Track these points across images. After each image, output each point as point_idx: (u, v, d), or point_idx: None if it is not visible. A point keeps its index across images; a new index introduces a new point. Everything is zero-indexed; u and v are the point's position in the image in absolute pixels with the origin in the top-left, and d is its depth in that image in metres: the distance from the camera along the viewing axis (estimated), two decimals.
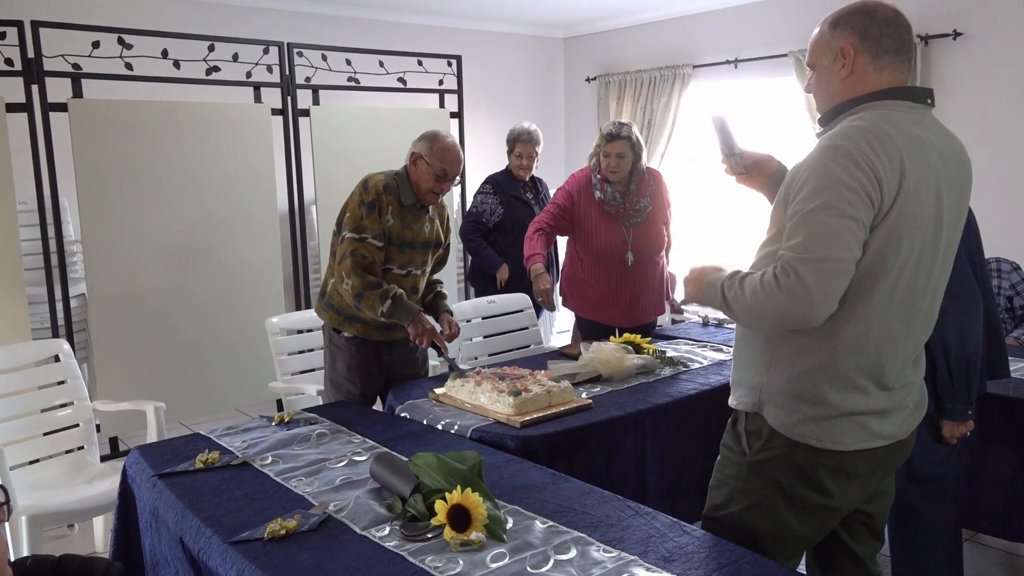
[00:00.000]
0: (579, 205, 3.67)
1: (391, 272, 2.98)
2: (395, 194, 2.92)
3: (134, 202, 4.13)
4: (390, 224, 2.91)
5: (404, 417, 2.65)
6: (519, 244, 4.34)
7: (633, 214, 3.62)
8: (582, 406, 2.58)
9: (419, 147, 2.94)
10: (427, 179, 2.90)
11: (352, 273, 2.85)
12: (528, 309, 3.99)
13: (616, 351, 2.99)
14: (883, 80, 1.72)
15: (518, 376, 2.76)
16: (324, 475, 2.09)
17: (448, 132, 2.98)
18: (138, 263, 4.15)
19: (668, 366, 3.07)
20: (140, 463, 2.25)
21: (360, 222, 2.88)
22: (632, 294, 3.66)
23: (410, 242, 2.97)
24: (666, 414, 2.63)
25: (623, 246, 3.61)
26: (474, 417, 2.53)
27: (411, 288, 3.06)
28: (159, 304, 4.21)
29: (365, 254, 2.87)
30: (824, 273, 1.59)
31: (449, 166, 2.90)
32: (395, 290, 2.85)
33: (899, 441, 1.80)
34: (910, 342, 1.75)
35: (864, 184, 1.60)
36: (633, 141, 3.59)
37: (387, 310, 2.83)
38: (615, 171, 3.59)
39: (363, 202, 2.89)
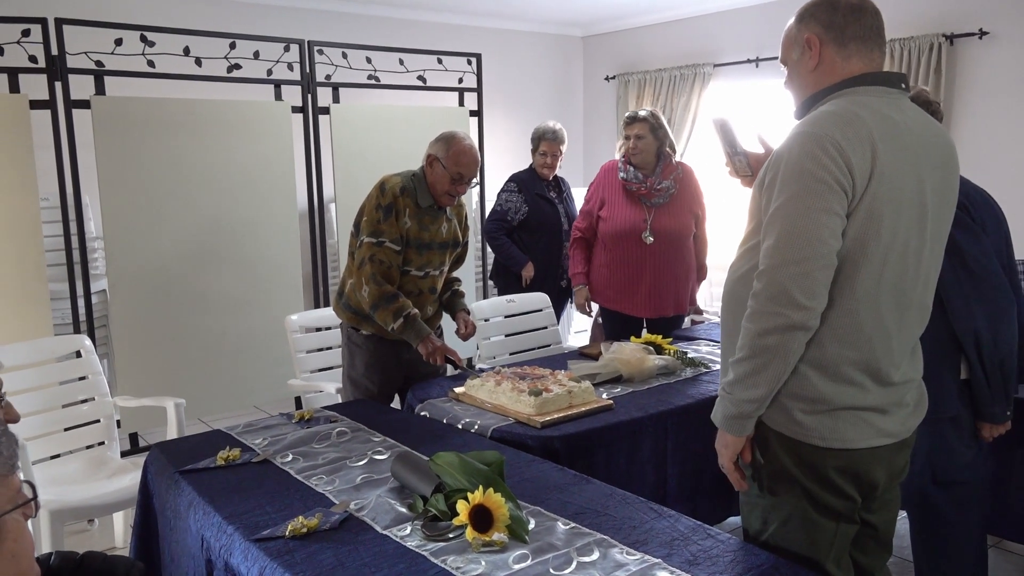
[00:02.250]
0: (604, 189, 3.76)
1: (409, 274, 2.99)
2: (412, 196, 2.91)
3: (155, 199, 4.15)
4: (408, 226, 2.91)
5: (424, 416, 2.64)
6: (544, 242, 4.36)
7: (655, 194, 3.65)
8: (603, 407, 2.57)
9: (435, 149, 2.92)
10: (443, 181, 2.89)
11: (371, 280, 2.86)
12: (548, 309, 3.98)
13: (637, 351, 2.97)
14: (852, 68, 1.72)
15: (538, 376, 2.76)
16: (345, 473, 2.09)
17: (465, 134, 2.96)
18: (159, 259, 4.17)
19: (689, 367, 3.05)
20: (161, 459, 2.26)
21: (378, 226, 2.88)
22: (653, 279, 3.67)
23: (427, 243, 2.97)
24: (687, 416, 2.62)
25: (642, 225, 3.62)
26: (494, 417, 2.52)
27: (429, 288, 3.06)
28: (179, 300, 4.24)
29: (383, 259, 2.87)
30: (802, 276, 1.58)
31: (465, 169, 2.89)
32: (408, 309, 2.86)
33: (902, 440, 1.77)
34: (904, 334, 1.72)
35: (833, 171, 1.58)
36: (653, 124, 3.65)
37: (397, 328, 2.86)
38: (636, 153, 3.64)
39: (380, 206, 2.88)
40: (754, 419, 1.72)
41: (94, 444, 3.16)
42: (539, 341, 3.90)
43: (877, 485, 1.76)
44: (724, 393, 1.73)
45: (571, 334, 5.57)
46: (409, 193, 2.91)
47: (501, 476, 1.89)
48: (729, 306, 1.81)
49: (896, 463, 1.79)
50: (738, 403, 1.69)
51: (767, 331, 1.62)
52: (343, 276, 3.12)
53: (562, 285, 4.42)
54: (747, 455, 1.77)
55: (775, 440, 1.74)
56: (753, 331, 1.64)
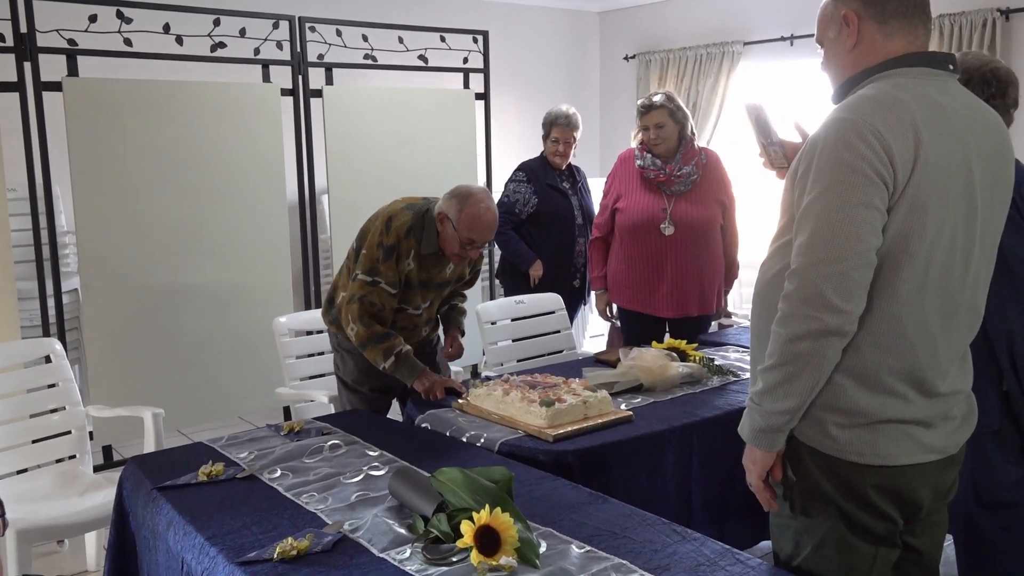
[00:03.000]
0: (621, 180, 3.78)
1: (405, 312, 3.03)
2: (418, 239, 2.92)
3: (132, 190, 4.16)
4: (410, 269, 2.94)
5: (425, 428, 2.65)
6: (554, 237, 4.36)
7: (675, 180, 3.65)
8: (621, 418, 2.57)
9: (447, 207, 2.89)
10: (452, 243, 2.89)
11: (358, 320, 2.89)
12: (560, 311, 3.98)
13: (659, 358, 2.97)
14: (894, 47, 1.71)
15: (550, 384, 2.75)
16: (338, 491, 2.09)
17: (484, 193, 2.90)
18: (136, 256, 4.19)
19: (716, 375, 3.05)
20: (137, 474, 2.26)
21: (375, 264, 2.89)
22: (675, 274, 3.67)
23: (426, 282, 3.01)
24: (714, 428, 2.61)
25: (661, 215, 3.63)
26: (502, 429, 2.52)
27: (425, 321, 3.14)
28: (158, 301, 4.25)
29: (375, 301, 2.90)
30: (838, 276, 1.58)
31: (478, 235, 2.87)
32: (400, 347, 2.90)
33: (950, 457, 1.76)
34: (952, 340, 1.71)
35: (872, 162, 1.58)
36: (671, 109, 3.65)
37: (389, 367, 2.90)
38: (657, 143, 3.66)
39: (382, 244, 2.90)
40: (785, 433, 1.71)
41: (64, 458, 3.17)
42: (551, 346, 3.90)
43: (921, 505, 1.75)
44: (752, 404, 1.72)
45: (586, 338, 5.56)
46: (415, 235, 2.91)
47: (509, 494, 1.89)
48: (759, 309, 1.81)
49: (942, 481, 1.79)
50: (767, 415, 1.69)
51: (799, 336, 1.61)
52: (335, 282, 3.14)
53: (575, 285, 4.42)
54: (777, 472, 1.76)
55: (808, 456, 1.73)
56: (784, 336, 1.63)
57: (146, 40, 4.22)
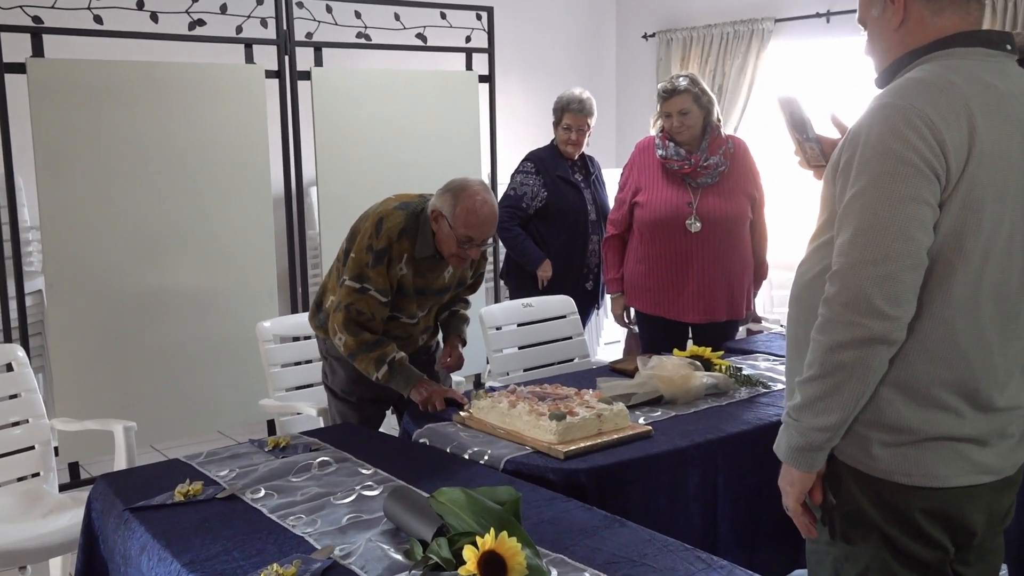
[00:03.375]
0: (640, 171, 3.79)
1: (398, 320, 3.03)
2: (412, 241, 2.92)
3: (102, 182, 4.18)
4: (403, 274, 2.94)
5: (423, 444, 2.66)
6: (565, 235, 4.36)
7: (701, 172, 3.66)
8: (639, 434, 2.57)
9: (441, 203, 2.88)
10: (449, 242, 2.89)
11: (345, 330, 2.90)
12: (572, 315, 3.98)
13: (681, 367, 2.98)
14: (945, 24, 1.71)
15: (561, 396, 2.76)
16: (328, 513, 2.10)
17: (481, 185, 2.90)
18: (106, 254, 4.20)
19: (744, 386, 3.06)
20: (108, 494, 2.27)
21: (364, 270, 2.90)
22: (701, 276, 3.68)
23: (423, 289, 3.02)
24: (742, 445, 2.62)
25: (686, 209, 3.63)
26: (508, 445, 2.53)
27: (421, 330, 3.15)
28: (130, 304, 4.27)
29: (363, 309, 2.90)
30: (885, 278, 1.58)
31: (476, 232, 2.85)
32: (393, 354, 2.91)
33: (1007, 478, 1.76)
34: (1010, 349, 1.71)
35: (922, 151, 1.58)
36: (696, 93, 3.66)
37: (382, 377, 2.91)
38: (681, 131, 3.67)
39: (371, 247, 2.90)
40: (826, 451, 1.72)
41: (27, 475, 3.18)
42: (562, 354, 3.90)
43: (974, 532, 1.75)
44: (790, 420, 1.73)
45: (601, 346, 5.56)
46: (409, 236, 2.92)
47: (517, 517, 1.89)
48: (797, 314, 1.81)
49: (998, 505, 1.78)
50: (807, 432, 1.69)
51: (842, 345, 1.62)
52: (323, 283, 3.14)
53: (587, 287, 4.42)
54: (817, 495, 1.76)
55: (849, 477, 1.73)
56: (825, 345, 1.64)
57: (118, 17, 4.24)
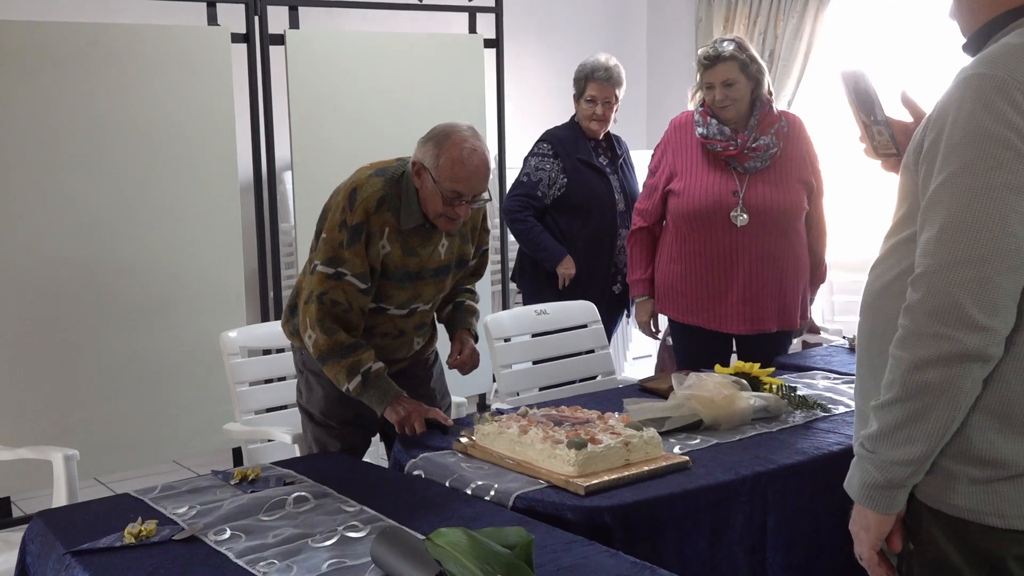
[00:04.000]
0: (676, 153, 3.78)
1: (386, 313, 3.02)
2: (395, 210, 2.91)
3: (40, 163, 4.19)
4: (386, 252, 2.92)
5: (417, 476, 2.66)
6: (589, 228, 4.36)
7: (749, 154, 3.66)
8: (674, 465, 2.57)
9: (422, 154, 2.87)
10: (434, 200, 2.86)
11: (318, 326, 2.88)
12: (595, 324, 3.98)
13: (724, 386, 2.97)
14: None
15: (581, 420, 2.76)
16: (306, 558, 2.10)
17: (470, 131, 2.88)
18: (42, 254, 4.21)
19: (800, 409, 3.06)
20: (46, 535, 2.28)
21: (338, 251, 2.88)
22: (748, 277, 3.68)
23: (416, 273, 2.98)
24: (796, 480, 2.62)
25: (731, 199, 3.63)
26: (518, 478, 2.53)
27: (416, 326, 3.11)
28: (70, 310, 4.27)
29: (339, 299, 2.89)
30: (980, 282, 1.58)
31: (463, 185, 2.83)
32: (369, 364, 2.89)
33: None
34: None
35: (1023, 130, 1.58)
36: (744, 60, 3.64)
37: (354, 389, 2.90)
38: (726, 105, 3.65)
39: (345, 223, 2.88)
40: (908, 489, 1.72)
41: None
42: (582, 370, 3.90)
43: None
44: (864, 452, 1.73)
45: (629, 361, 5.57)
46: (391, 206, 2.90)
47: (529, 563, 1.89)
48: (870, 325, 1.81)
49: None
50: (885, 466, 1.69)
51: (928, 362, 1.62)
52: (298, 283, 3.14)
53: (615, 291, 4.42)
54: (896, 542, 1.76)
55: (931, 519, 1.73)
56: (908, 362, 1.64)
57: None
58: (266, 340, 3.65)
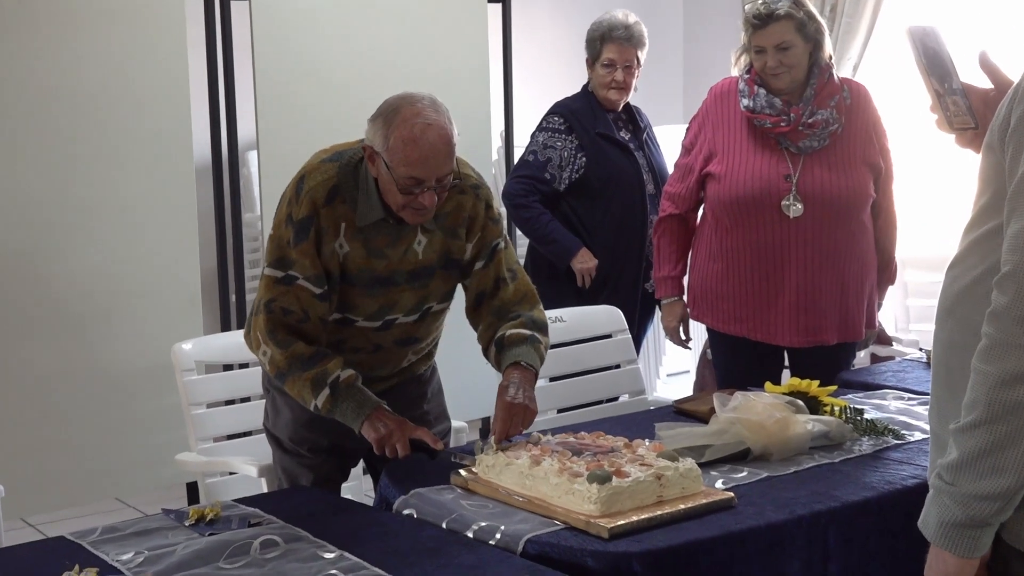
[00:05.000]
0: (716, 128, 3.77)
1: (354, 326, 2.99)
2: (351, 203, 2.88)
3: None
4: (344, 253, 2.89)
5: (409, 516, 2.66)
6: (615, 217, 4.37)
7: (805, 132, 3.65)
8: (716, 503, 2.57)
9: (372, 135, 2.82)
10: (390, 190, 2.81)
11: (269, 339, 2.87)
12: (621, 333, 3.98)
13: (776, 408, 2.97)
14: None
15: (605, 449, 2.76)
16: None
17: (423, 103, 2.81)
18: None
19: (867, 436, 3.06)
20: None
21: (285, 251, 2.87)
22: (804, 279, 3.68)
23: (386, 277, 2.95)
24: (864, 519, 2.62)
25: (783, 185, 3.63)
26: (529, 518, 2.53)
27: (397, 340, 3.05)
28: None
29: (291, 307, 2.87)
30: None
31: (419, 168, 2.75)
32: (337, 372, 2.86)
33: None
34: None
35: None
36: (801, 19, 3.64)
37: (323, 405, 2.85)
38: (779, 73, 3.64)
39: (291, 218, 2.87)
40: (994, 528, 1.72)
41: None
42: (606, 389, 3.91)
43: None
44: (942, 484, 1.73)
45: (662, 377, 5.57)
46: (346, 197, 2.87)
47: None
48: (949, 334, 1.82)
49: None
50: (967, 501, 1.69)
51: (1017, 377, 1.63)
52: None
53: (647, 289, 4.42)
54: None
55: (1020, 565, 1.74)
56: (994, 377, 1.64)
57: None
58: (226, 353, 3.66)
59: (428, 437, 2.87)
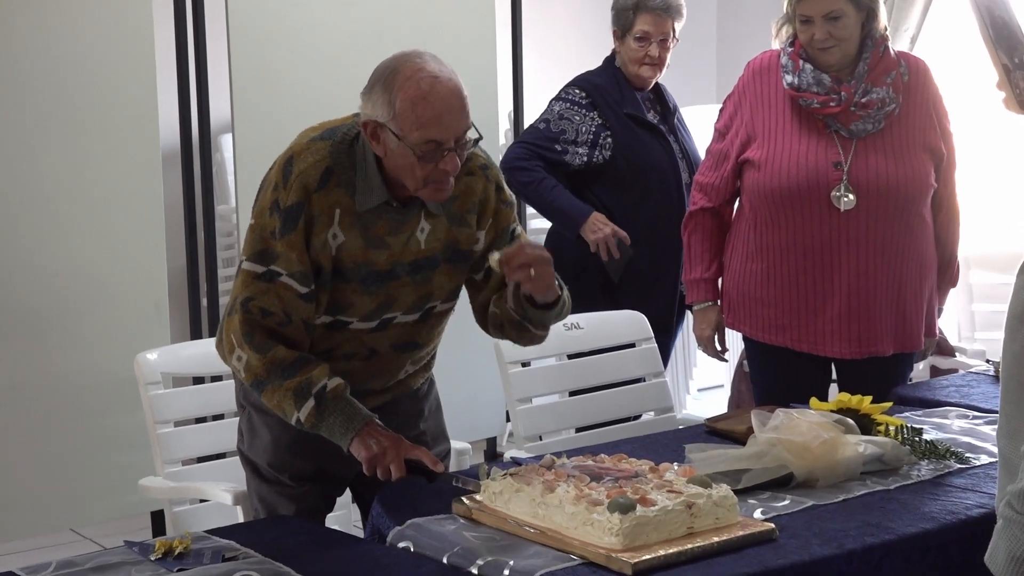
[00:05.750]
0: (757, 108, 3.77)
1: (347, 329, 2.99)
2: (348, 187, 2.88)
3: None
4: (339, 244, 2.88)
5: (404, 549, 2.66)
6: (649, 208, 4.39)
7: (858, 113, 3.65)
8: (755, 536, 2.57)
9: (371, 106, 2.81)
10: (407, 166, 2.79)
11: (246, 342, 2.86)
12: (646, 343, 3.98)
13: (822, 428, 2.97)
14: None
15: (628, 474, 2.76)
16: None
17: (421, 59, 2.82)
18: None
19: (927, 459, 3.06)
20: None
21: (268, 243, 2.86)
22: (855, 281, 3.68)
23: (387, 271, 2.95)
24: (923, 555, 2.62)
25: (833, 174, 3.63)
26: (542, 552, 2.53)
27: (395, 344, 3.05)
28: None
29: (271, 307, 2.85)
30: None
31: (436, 127, 2.75)
32: (322, 381, 2.84)
33: None
34: None
35: None
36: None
37: (306, 419, 2.83)
38: (828, 46, 3.64)
39: (276, 205, 2.85)
40: None
41: None
42: (629, 406, 3.91)
43: None
44: (1012, 514, 1.73)
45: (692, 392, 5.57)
46: (341, 180, 2.87)
47: None
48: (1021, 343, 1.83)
49: None
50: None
51: None
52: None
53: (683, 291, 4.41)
54: None
55: None
56: None
57: None
58: (197, 364, 3.65)
59: (427, 457, 2.85)
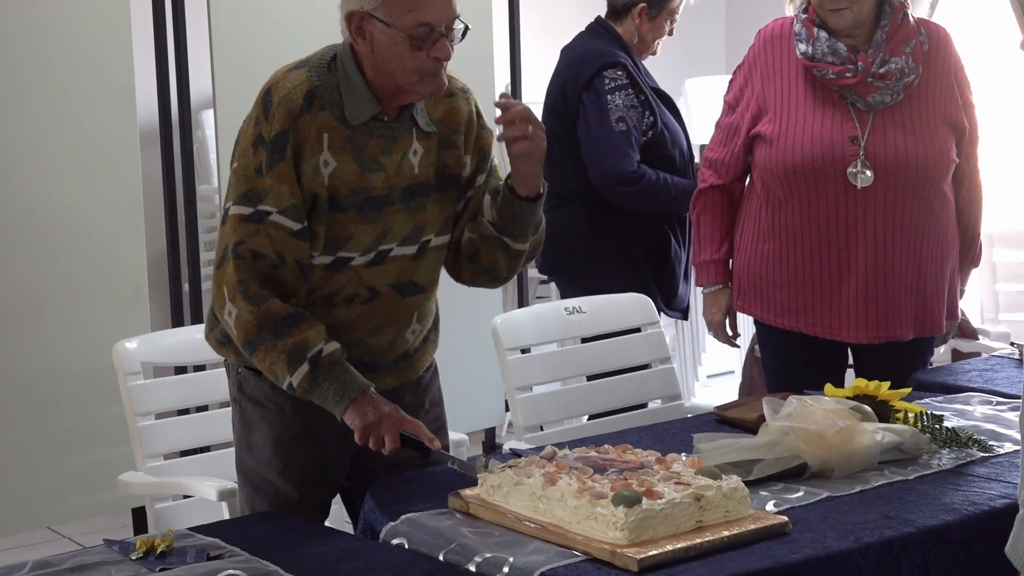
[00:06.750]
0: (768, 79, 3.76)
1: (348, 267, 2.99)
2: (333, 106, 2.89)
3: None
4: (331, 170, 2.89)
5: (399, 546, 2.66)
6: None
7: (876, 84, 3.64)
8: (767, 529, 2.57)
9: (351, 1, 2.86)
10: (399, 56, 2.83)
11: (238, 292, 2.85)
12: (652, 327, 3.98)
13: (838, 416, 2.97)
14: None
15: (633, 465, 2.77)
16: None
17: None
18: None
19: (948, 447, 3.05)
20: None
21: (255, 181, 2.87)
22: (872, 262, 3.68)
23: (380, 197, 2.95)
24: (944, 547, 2.61)
25: (849, 149, 3.63)
26: (543, 548, 2.53)
27: (394, 284, 3.05)
28: None
29: (262, 249, 2.84)
30: None
31: (428, 9, 2.82)
32: (318, 345, 2.83)
33: None
34: None
35: None
36: None
37: (299, 384, 2.83)
38: (839, 7, 3.63)
39: (261, 139, 2.87)
40: None
41: None
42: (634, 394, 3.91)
43: None
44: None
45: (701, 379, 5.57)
46: (325, 100, 2.89)
47: None
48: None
49: None
50: None
51: None
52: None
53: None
54: None
55: None
56: None
57: None
58: (179, 353, 3.66)
59: (423, 432, 2.86)
